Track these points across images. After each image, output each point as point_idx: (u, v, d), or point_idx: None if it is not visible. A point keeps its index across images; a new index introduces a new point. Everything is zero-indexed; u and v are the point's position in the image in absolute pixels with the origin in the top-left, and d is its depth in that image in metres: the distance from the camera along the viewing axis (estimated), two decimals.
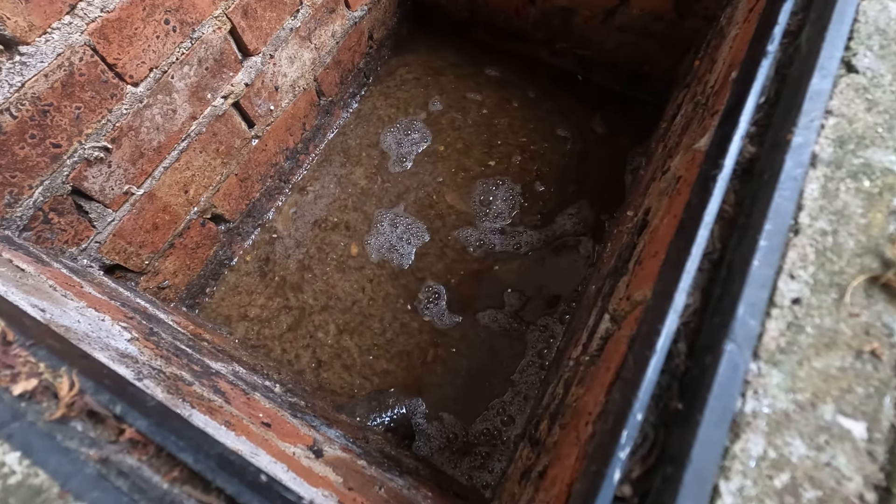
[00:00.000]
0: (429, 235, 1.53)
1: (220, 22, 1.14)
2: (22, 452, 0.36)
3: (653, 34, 1.47)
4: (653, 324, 0.44)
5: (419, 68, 1.87)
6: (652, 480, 0.39)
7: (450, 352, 1.36)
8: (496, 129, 1.70)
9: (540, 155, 1.62)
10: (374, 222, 1.56)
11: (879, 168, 0.45)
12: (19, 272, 0.77)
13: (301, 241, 1.56)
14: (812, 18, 0.52)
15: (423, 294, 1.44)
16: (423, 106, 1.77)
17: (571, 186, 1.56)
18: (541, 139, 1.65)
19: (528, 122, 1.69)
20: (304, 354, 1.39)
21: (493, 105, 1.74)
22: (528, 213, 1.53)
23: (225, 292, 1.49)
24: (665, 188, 0.81)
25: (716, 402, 0.38)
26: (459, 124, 1.72)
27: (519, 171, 1.61)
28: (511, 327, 1.37)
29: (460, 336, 1.37)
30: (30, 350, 0.42)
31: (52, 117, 0.91)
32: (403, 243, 1.53)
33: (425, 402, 1.30)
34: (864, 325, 0.40)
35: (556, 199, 1.54)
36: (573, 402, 0.72)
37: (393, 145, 1.71)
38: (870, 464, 0.36)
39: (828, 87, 0.47)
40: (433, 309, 1.41)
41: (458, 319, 1.39)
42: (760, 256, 0.42)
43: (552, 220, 1.51)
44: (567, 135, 1.65)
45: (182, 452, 0.39)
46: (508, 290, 1.42)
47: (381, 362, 1.37)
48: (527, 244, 1.48)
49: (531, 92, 1.75)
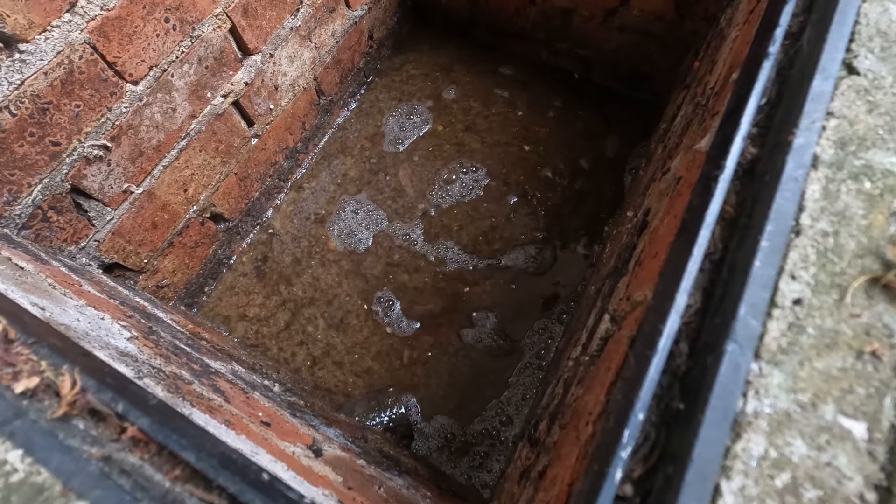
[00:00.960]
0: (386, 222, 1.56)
1: (220, 20, 1.14)
2: (24, 450, 0.36)
3: (653, 35, 1.47)
4: (654, 324, 0.44)
5: (425, 65, 1.88)
6: (653, 480, 0.39)
7: (427, 354, 1.37)
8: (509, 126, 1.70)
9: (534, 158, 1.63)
10: (337, 208, 1.59)
11: (880, 170, 0.45)
12: (18, 270, 0.76)
13: (296, 237, 1.56)
14: (813, 20, 0.52)
15: (381, 293, 1.45)
16: (429, 96, 1.79)
17: (569, 189, 1.56)
18: (542, 138, 1.66)
19: (533, 124, 1.70)
20: (299, 352, 1.39)
21: (511, 104, 1.75)
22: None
23: (223, 292, 1.49)
24: (665, 189, 0.81)
25: (717, 402, 0.38)
26: (475, 113, 1.74)
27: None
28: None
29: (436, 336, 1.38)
30: (31, 348, 0.42)
31: (51, 115, 0.91)
32: (363, 229, 1.56)
33: (418, 402, 1.31)
34: (865, 325, 0.40)
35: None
36: (573, 402, 0.72)
37: (395, 128, 1.73)
38: (870, 464, 0.36)
39: (829, 88, 0.48)
40: (392, 316, 1.43)
41: (417, 325, 1.41)
42: (762, 257, 0.42)
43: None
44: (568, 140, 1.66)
45: (184, 451, 0.39)
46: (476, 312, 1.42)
47: (366, 361, 1.37)
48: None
49: (541, 91, 1.76)
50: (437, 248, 1.50)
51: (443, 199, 1.58)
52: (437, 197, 1.58)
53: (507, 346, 1.35)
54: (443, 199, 1.58)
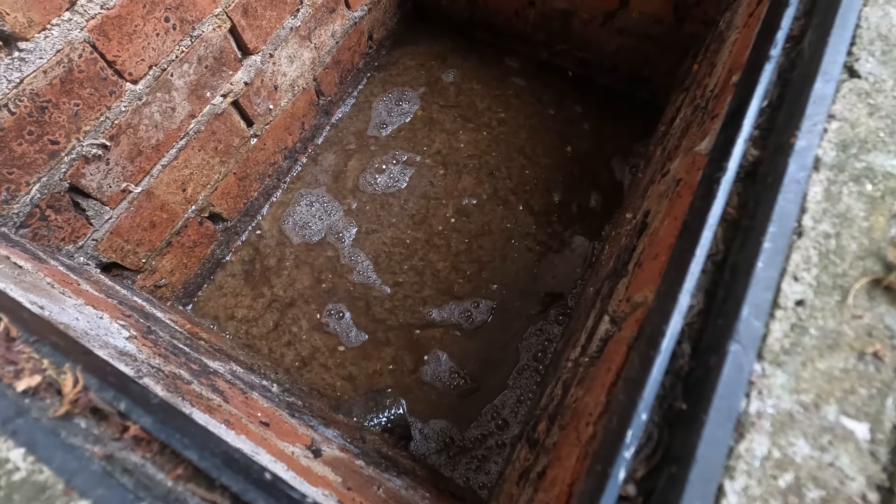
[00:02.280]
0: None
1: (220, 20, 1.14)
2: (26, 449, 0.36)
3: (652, 38, 1.48)
4: (657, 324, 0.44)
5: (423, 56, 1.88)
6: (656, 480, 0.39)
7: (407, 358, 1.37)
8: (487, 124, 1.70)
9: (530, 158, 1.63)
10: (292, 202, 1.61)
11: (881, 172, 0.45)
12: (17, 269, 0.76)
13: (280, 238, 1.55)
14: (814, 24, 0.53)
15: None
16: (424, 84, 1.80)
17: (561, 187, 1.57)
18: (537, 139, 1.66)
19: (528, 117, 1.70)
20: (287, 353, 1.39)
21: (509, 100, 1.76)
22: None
23: (212, 291, 1.48)
24: (665, 191, 0.81)
25: (721, 403, 0.38)
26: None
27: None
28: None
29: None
30: (33, 346, 0.41)
31: (50, 114, 0.90)
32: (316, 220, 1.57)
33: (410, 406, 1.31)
34: (867, 327, 0.40)
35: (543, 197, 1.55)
36: (572, 403, 0.72)
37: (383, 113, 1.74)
38: (872, 464, 0.37)
39: (830, 91, 0.48)
40: (343, 324, 1.43)
41: (364, 338, 1.41)
42: (765, 258, 0.42)
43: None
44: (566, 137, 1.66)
45: (187, 450, 0.39)
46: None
47: (347, 366, 1.37)
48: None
49: (538, 89, 1.76)
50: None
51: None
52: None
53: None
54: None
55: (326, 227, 1.56)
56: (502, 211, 1.54)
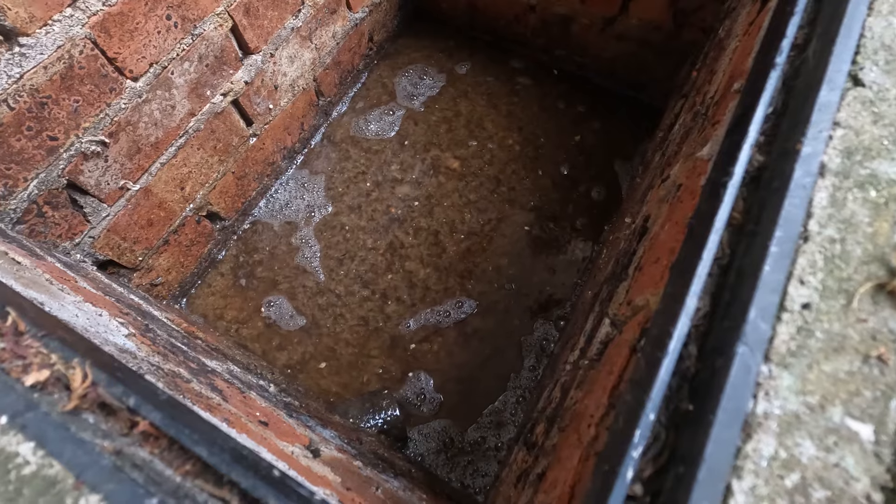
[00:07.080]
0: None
1: (222, 19, 1.14)
2: (36, 443, 0.36)
3: (651, 44, 1.49)
4: (664, 326, 0.45)
5: (422, 59, 1.89)
6: (664, 480, 0.40)
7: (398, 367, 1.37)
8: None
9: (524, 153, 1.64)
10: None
11: (885, 179, 0.46)
12: (16, 265, 0.75)
13: (272, 237, 1.55)
14: (819, 33, 0.53)
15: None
16: (430, 75, 1.80)
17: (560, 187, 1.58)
18: (534, 137, 1.67)
19: (528, 107, 1.71)
20: (280, 357, 1.38)
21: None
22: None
23: (203, 290, 1.47)
24: (665, 196, 0.82)
25: (728, 403, 0.39)
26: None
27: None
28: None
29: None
30: (41, 341, 0.41)
31: (49, 110, 0.90)
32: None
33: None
34: (872, 330, 0.41)
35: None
36: (573, 406, 0.72)
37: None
38: (877, 465, 0.37)
39: (835, 99, 0.49)
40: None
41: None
42: (771, 262, 0.43)
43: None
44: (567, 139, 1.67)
45: (196, 446, 0.39)
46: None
47: (333, 376, 1.36)
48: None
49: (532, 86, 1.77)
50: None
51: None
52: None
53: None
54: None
55: (322, 227, 1.55)
56: (505, 210, 1.54)
